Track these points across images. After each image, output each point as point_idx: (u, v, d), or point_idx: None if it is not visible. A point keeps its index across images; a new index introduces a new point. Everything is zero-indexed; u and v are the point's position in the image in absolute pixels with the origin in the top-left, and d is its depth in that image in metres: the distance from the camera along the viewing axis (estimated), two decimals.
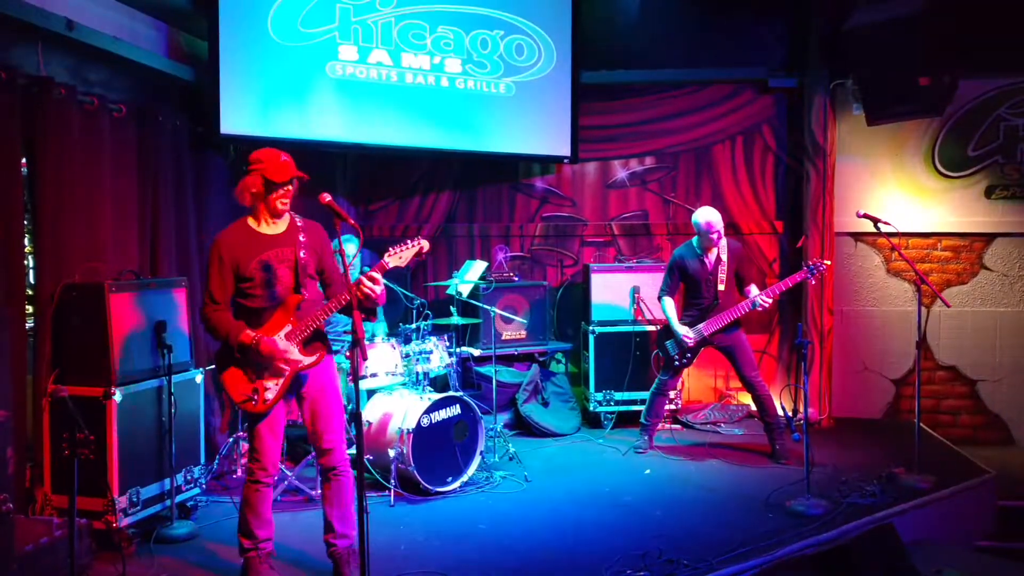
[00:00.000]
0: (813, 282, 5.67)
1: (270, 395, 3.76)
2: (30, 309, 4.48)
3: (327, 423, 3.89)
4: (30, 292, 4.50)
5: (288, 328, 3.78)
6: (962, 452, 6.04)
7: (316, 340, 3.89)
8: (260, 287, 3.78)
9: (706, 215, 5.74)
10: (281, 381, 3.77)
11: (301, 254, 3.82)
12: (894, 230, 5.43)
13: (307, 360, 3.81)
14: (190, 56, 5.88)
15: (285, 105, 6.04)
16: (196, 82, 5.80)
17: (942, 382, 7.07)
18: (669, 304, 5.91)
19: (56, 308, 4.39)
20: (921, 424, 5.41)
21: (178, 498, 4.62)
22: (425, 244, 3.80)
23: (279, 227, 3.84)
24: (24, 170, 4.39)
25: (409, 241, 3.76)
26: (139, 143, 5.22)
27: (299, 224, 3.88)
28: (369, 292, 3.66)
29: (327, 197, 3.50)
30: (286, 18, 5.96)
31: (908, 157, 7.06)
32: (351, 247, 5.62)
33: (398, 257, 3.75)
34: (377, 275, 3.67)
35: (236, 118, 5.81)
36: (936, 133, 6.99)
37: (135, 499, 4.34)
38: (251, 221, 3.83)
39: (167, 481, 4.55)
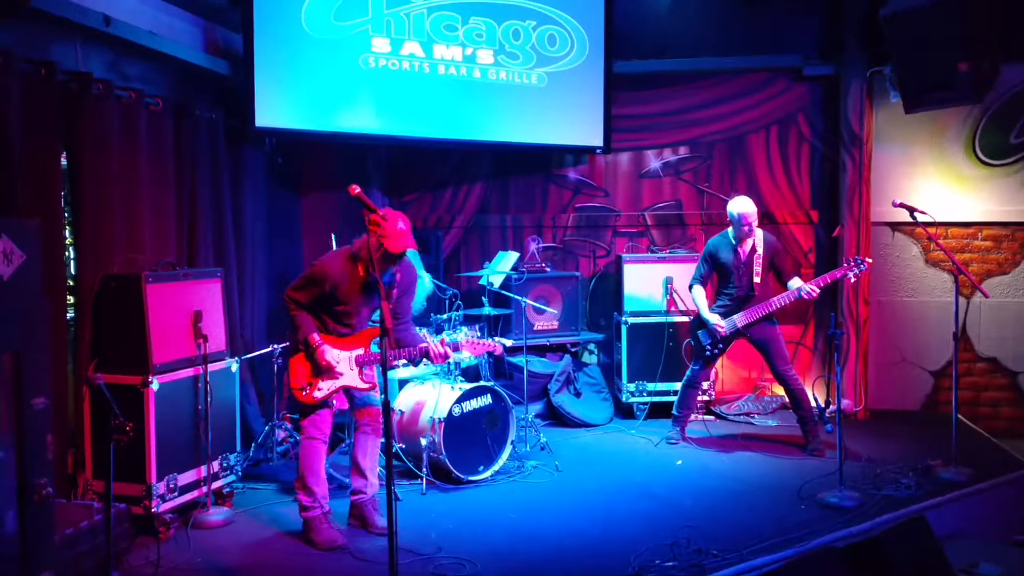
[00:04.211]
0: (852, 280, 5.60)
1: (319, 394, 4.27)
2: (71, 299, 4.59)
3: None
4: (71, 283, 4.61)
5: (360, 352, 4.33)
6: (1002, 445, 5.94)
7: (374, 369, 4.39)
8: (351, 315, 4.33)
9: (740, 206, 5.68)
10: (333, 386, 4.28)
11: (395, 293, 4.32)
12: (931, 219, 5.34)
13: (362, 385, 4.36)
14: (225, 50, 5.97)
15: (319, 98, 6.11)
16: (232, 76, 5.89)
17: (982, 374, 6.95)
18: (699, 293, 5.88)
19: (96, 298, 4.49)
20: (960, 416, 5.34)
21: (214, 485, 4.72)
22: (499, 347, 4.55)
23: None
24: (64, 163, 4.50)
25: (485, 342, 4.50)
26: (176, 136, 5.31)
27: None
28: (438, 355, 4.30)
29: (356, 189, 3.55)
30: (319, 11, 6.02)
31: (948, 145, 6.93)
32: None
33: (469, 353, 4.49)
34: (450, 351, 4.33)
35: (271, 111, 5.88)
36: (977, 120, 6.85)
37: (172, 485, 4.44)
38: (359, 265, 4.23)
39: (204, 468, 4.64)
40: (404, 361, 4.62)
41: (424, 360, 4.48)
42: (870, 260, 5.67)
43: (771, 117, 7.30)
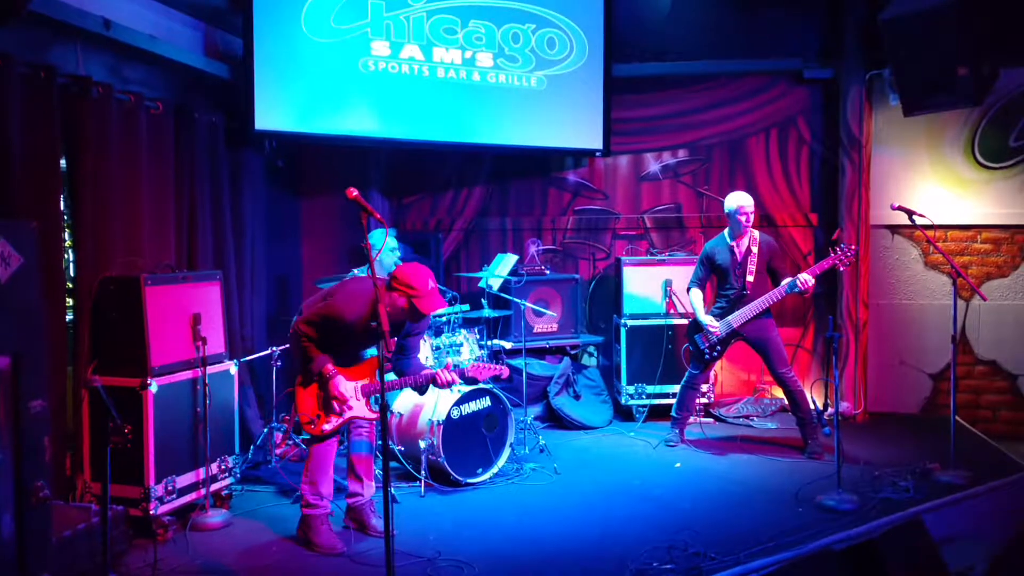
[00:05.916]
0: (841, 268, 5.60)
1: (327, 426, 4.24)
2: (70, 302, 4.60)
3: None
4: (70, 285, 4.62)
5: (365, 381, 4.30)
6: (1001, 448, 5.94)
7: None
8: (358, 348, 4.35)
9: (736, 199, 5.76)
10: (342, 418, 4.25)
11: (407, 325, 4.34)
12: (930, 222, 5.34)
13: (370, 415, 4.34)
14: (225, 54, 5.98)
15: (319, 101, 6.12)
16: (231, 79, 5.90)
17: (981, 377, 6.94)
18: (696, 296, 5.89)
19: (95, 301, 4.50)
20: (959, 419, 5.33)
21: (213, 487, 4.72)
22: (506, 371, 4.49)
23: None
24: (63, 166, 4.51)
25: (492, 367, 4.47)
26: (176, 140, 5.33)
27: None
28: (445, 382, 4.28)
29: (354, 192, 3.55)
30: (319, 15, 6.03)
31: (947, 148, 6.92)
32: (391, 241, 5.68)
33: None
34: (456, 377, 4.30)
35: (270, 114, 5.90)
36: (976, 123, 6.84)
37: (171, 487, 4.44)
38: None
39: (202, 470, 4.65)
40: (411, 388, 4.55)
41: (431, 386, 4.41)
42: (855, 247, 5.66)
43: (771, 120, 7.31)
